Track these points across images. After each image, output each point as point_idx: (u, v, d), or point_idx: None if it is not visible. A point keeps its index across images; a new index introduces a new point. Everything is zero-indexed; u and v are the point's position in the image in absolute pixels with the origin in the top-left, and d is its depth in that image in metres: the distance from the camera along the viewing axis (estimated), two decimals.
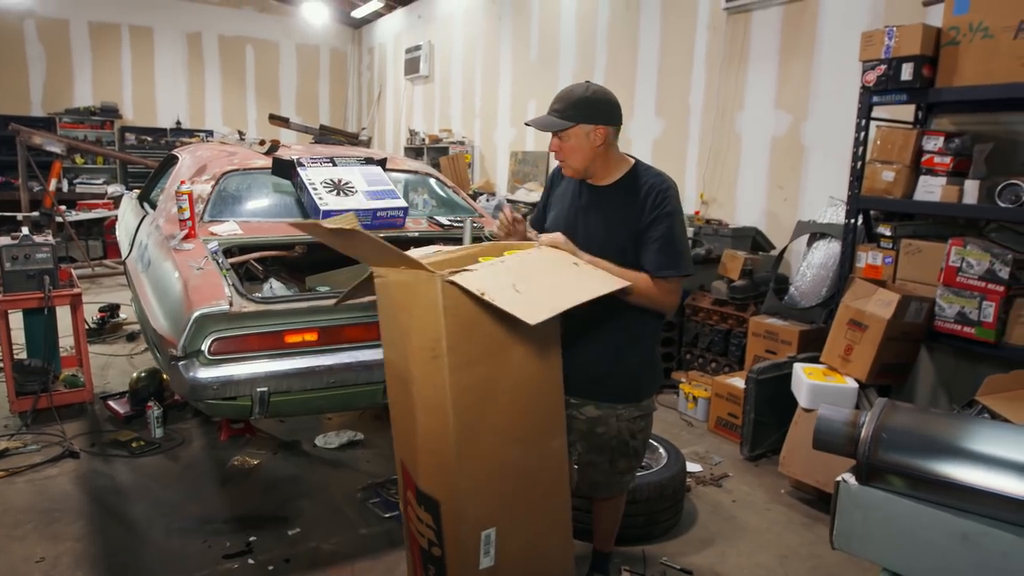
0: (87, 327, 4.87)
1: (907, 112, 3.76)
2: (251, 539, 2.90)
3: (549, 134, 2.16)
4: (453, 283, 1.68)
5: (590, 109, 2.09)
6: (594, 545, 2.58)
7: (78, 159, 9.79)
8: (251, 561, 2.75)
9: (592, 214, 2.19)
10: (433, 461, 1.81)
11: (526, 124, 2.26)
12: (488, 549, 1.83)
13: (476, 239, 3.41)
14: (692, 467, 3.59)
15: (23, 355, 4.33)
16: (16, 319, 4.21)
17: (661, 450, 3.21)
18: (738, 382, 3.98)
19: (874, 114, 3.64)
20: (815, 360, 3.53)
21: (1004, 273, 3.05)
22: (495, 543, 1.84)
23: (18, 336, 4.31)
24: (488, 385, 1.80)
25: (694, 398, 4.37)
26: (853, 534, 1.27)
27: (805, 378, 3.35)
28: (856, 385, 3.29)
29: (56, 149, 7.50)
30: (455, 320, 1.69)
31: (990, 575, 1.12)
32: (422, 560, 1.98)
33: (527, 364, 1.87)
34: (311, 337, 2.67)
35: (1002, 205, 3.10)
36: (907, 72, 3.34)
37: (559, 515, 2.04)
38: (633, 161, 2.22)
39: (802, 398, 3.38)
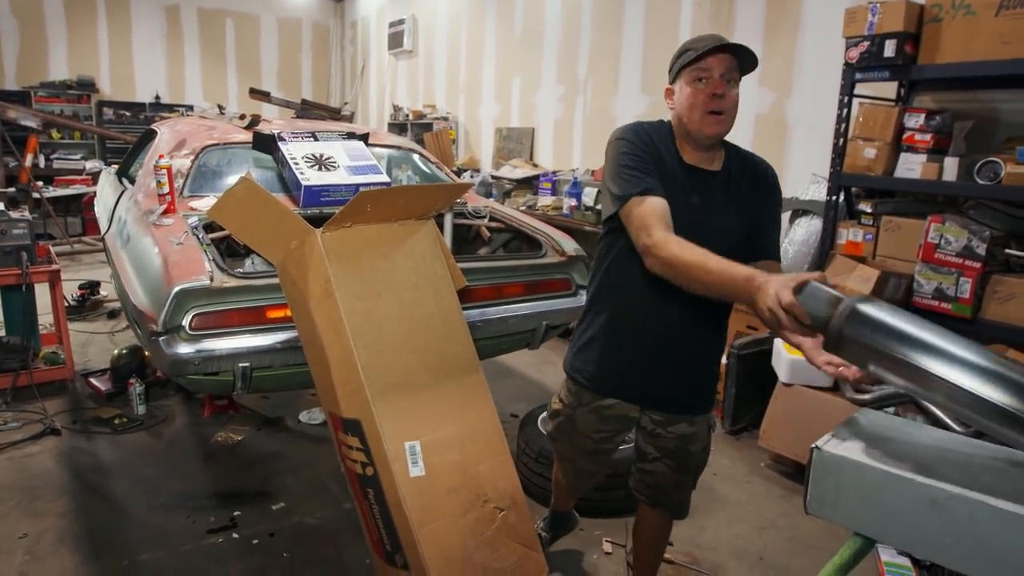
0: (67, 304, 4.82)
1: (890, 89, 3.77)
2: (235, 514, 2.91)
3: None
4: (328, 234, 2.03)
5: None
6: None
7: (55, 134, 9.59)
8: (235, 536, 2.77)
9: (707, 205, 1.80)
10: (347, 388, 2.01)
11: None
12: (416, 460, 2.02)
13: (458, 214, 3.41)
14: None
15: (1, 332, 4.29)
16: None
17: None
18: None
19: (857, 91, 3.65)
20: None
21: (981, 250, 3.09)
22: (422, 455, 2.03)
23: None
24: (381, 314, 2.08)
25: None
26: (825, 500, 1.31)
27: (786, 353, 3.39)
28: None
29: (32, 123, 7.37)
30: (339, 264, 2.02)
31: (957, 537, 1.16)
32: (361, 488, 2.10)
33: (418, 302, 2.18)
34: None
35: (980, 182, 3.13)
36: (890, 49, 3.35)
37: (492, 444, 2.23)
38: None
39: (782, 373, 3.43)
